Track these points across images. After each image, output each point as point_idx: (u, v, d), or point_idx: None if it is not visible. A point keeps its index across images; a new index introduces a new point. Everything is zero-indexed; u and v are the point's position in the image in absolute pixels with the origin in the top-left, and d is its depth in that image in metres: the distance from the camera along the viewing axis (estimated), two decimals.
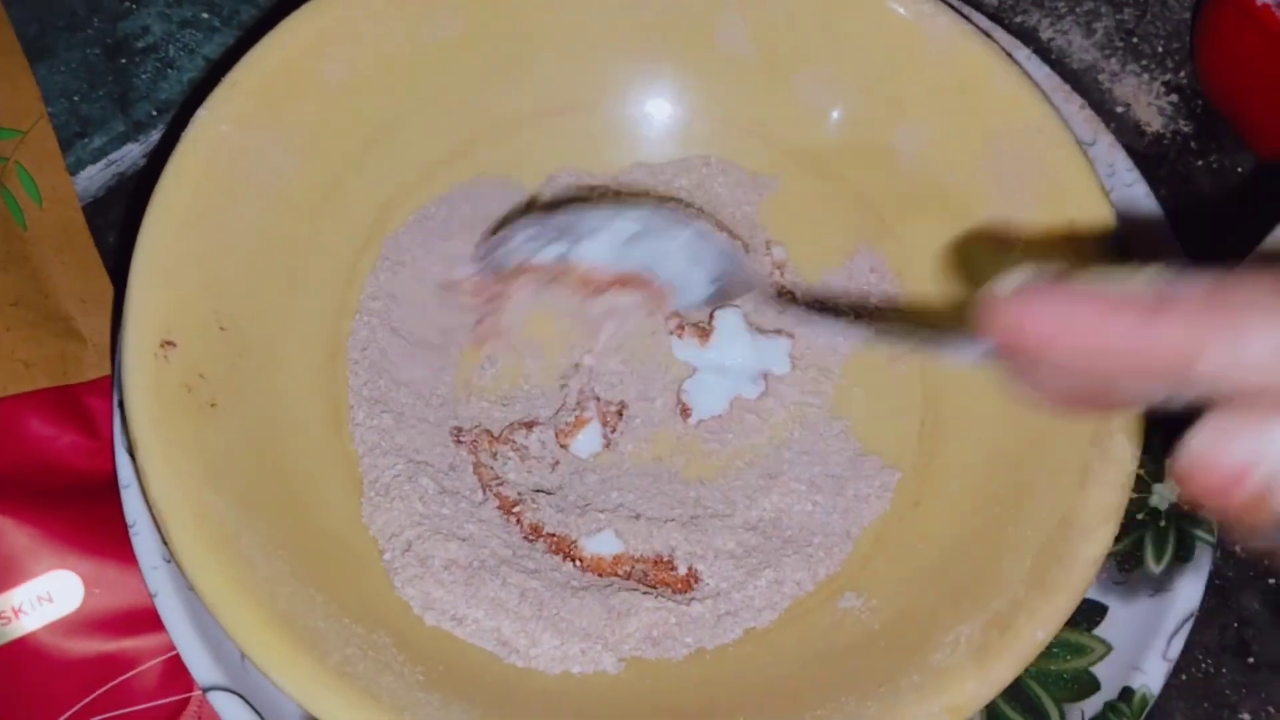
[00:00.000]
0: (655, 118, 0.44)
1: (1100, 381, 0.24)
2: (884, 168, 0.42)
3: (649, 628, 0.36)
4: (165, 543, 0.32)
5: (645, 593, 0.37)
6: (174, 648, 0.36)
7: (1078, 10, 0.52)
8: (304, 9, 0.39)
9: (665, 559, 0.38)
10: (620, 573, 0.38)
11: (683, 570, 0.38)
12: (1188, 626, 0.38)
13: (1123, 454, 0.33)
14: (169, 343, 0.34)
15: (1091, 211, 0.37)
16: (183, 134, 0.37)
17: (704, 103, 0.44)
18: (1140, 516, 0.40)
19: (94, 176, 0.46)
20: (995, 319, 0.25)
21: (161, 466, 0.32)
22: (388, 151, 0.41)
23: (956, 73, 0.39)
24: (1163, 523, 0.40)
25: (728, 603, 0.37)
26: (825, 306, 0.41)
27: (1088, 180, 0.37)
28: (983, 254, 0.39)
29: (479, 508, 0.39)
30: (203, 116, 0.37)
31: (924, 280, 0.41)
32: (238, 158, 0.37)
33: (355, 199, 0.41)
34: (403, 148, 0.42)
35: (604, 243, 0.38)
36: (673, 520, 0.39)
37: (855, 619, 0.35)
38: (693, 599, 0.37)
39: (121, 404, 0.37)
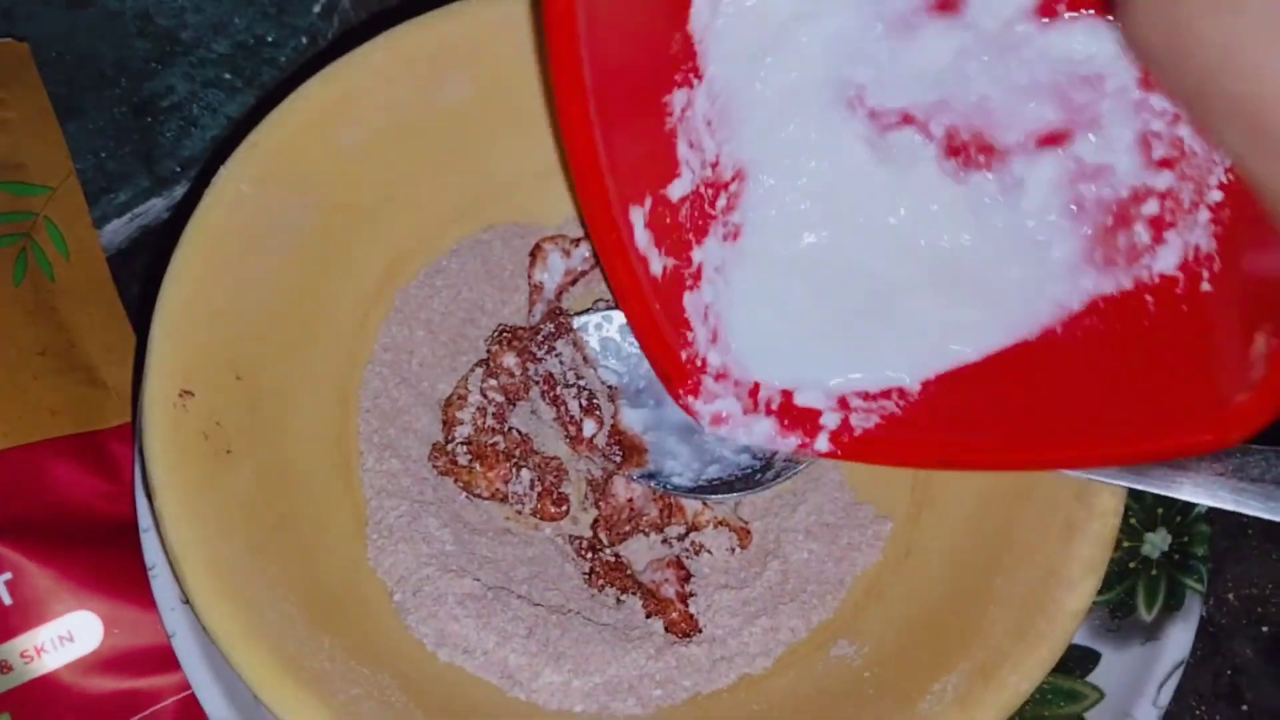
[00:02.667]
0: None
1: None
2: None
3: (650, 670, 0.37)
4: (180, 585, 0.34)
5: (648, 635, 0.38)
6: (189, 687, 0.37)
7: None
8: (321, 75, 0.40)
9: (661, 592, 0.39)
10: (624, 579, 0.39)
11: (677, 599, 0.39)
12: (1178, 674, 0.39)
13: (1106, 508, 0.34)
14: (187, 392, 0.36)
15: None
16: (205, 192, 0.38)
17: None
18: (1132, 565, 0.41)
19: (119, 230, 0.47)
20: None
21: (179, 512, 0.34)
22: (399, 209, 0.43)
23: None
24: (1154, 571, 0.41)
25: (724, 648, 0.37)
26: None
27: None
28: None
29: (485, 538, 0.40)
30: (224, 175, 0.39)
31: None
32: (256, 215, 0.39)
33: (368, 254, 0.42)
34: (414, 205, 0.43)
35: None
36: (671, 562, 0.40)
37: (847, 666, 0.36)
38: (690, 643, 0.38)
39: (142, 450, 0.38)
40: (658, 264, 0.36)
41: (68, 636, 0.38)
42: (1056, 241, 0.34)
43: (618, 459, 0.41)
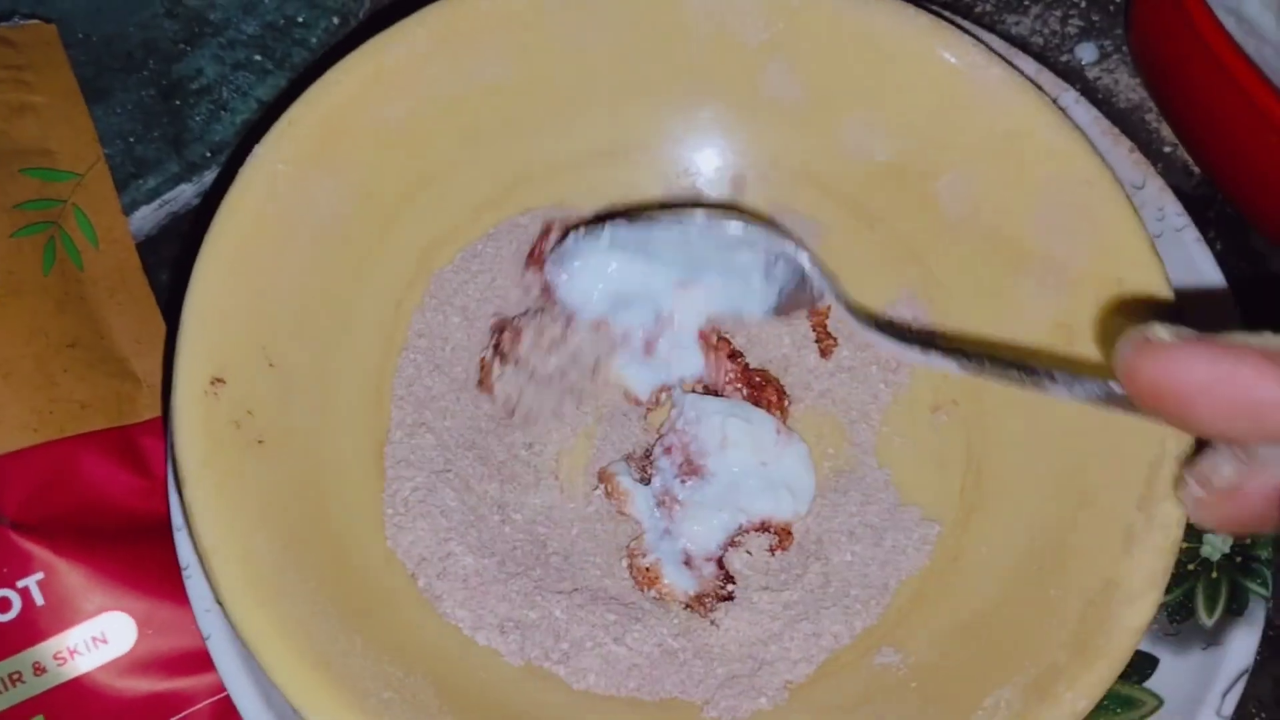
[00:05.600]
0: (702, 160, 0.44)
1: (1240, 438, 0.27)
2: (929, 215, 0.41)
3: (689, 670, 0.36)
4: (209, 581, 0.33)
5: (683, 632, 0.37)
6: (224, 689, 0.37)
7: (1124, 49, 0.52)
8: (358, 52, 0.39)
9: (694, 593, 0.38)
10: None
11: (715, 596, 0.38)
12: (1242, 682, 0.37)
13: (1169, 519, 0.33)
14: (219, 379, 0.35)
15: (1142, 268, 0.36)
16: (239, 171, 0.37)
17: (750, 146, 0.44)
18: (1191, 567, 0.40)
19: (147, 216, 0.46)
20: (1141, 369, 0.26)
21: (210, 505, 0.33)
22: (436, 192, 0.42)
23: (1005, 123, 0.39)
24: (1214, 574, 0.40)
25: (765, 652, 0.37)
26: (913, 335, 0.39)
27: (1138, 236, 0.37)
28: (1029, 304, 0.39)
29: (513, 513, 0.39)
30: (259, 154, 0.38)
31: (966, 327, 0.41)
32: (291, 196, 0.38)
33: (404, 238, 0.41)
34: (451, 188, 0.42)
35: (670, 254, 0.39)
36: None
37: (893, 675, 0.35)
38: (730, 644, 0.37)
39: (171, 441, 0.38)
40: None
41: (101, 638, 0.38)
42: None
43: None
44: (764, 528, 0.39)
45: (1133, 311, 0.36)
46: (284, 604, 0.32)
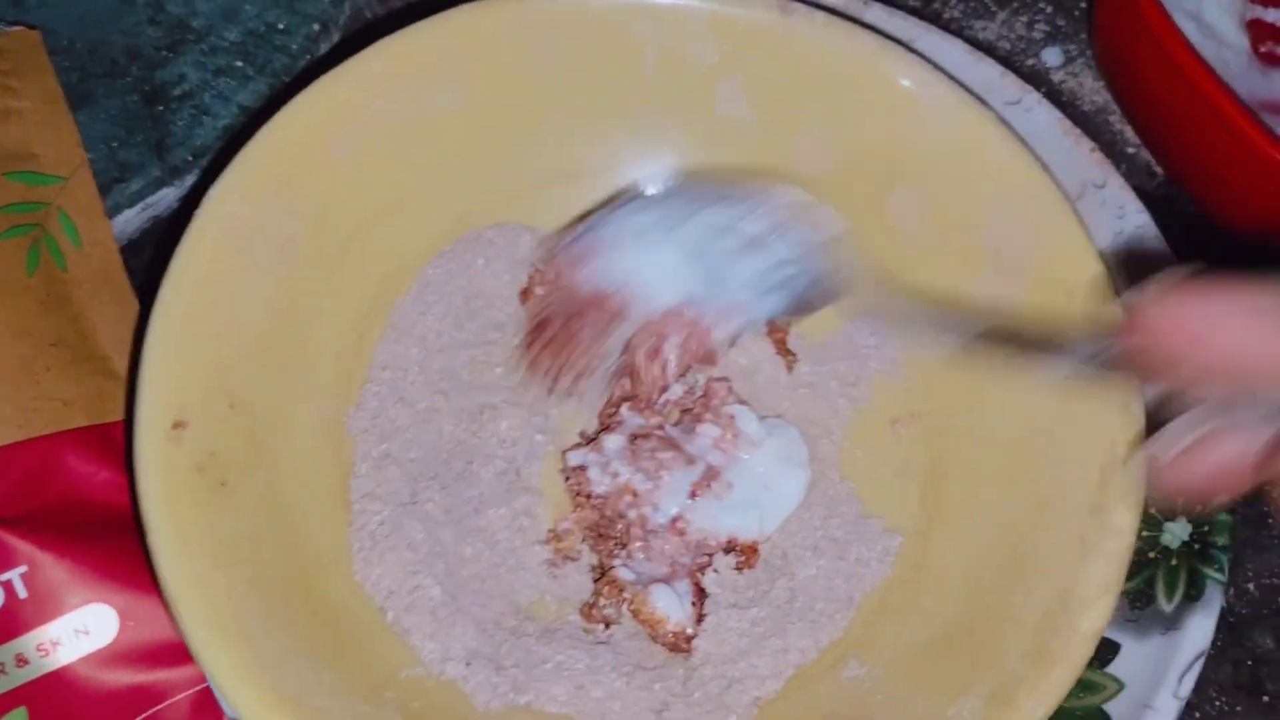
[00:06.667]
0: (657, 180, 0.45)
1: (1235, 390, 0.26)
2: (881, 231, 0.42)
3: (660, 692, 0.36)
4: (175, 623, 0.33)
5: (652, 654, 0.38)
6: (204, 681, 0.37)
7: (1088, 54, 0.53)
8: (311, 89, 0.40)
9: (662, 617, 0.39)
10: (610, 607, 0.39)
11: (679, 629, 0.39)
12: (1199, 664, 0.38)
13: (1122, 524, 0.34)
14: (181, 423, 0.35)
15: (1087, 273, 0.38)
16: (194, 213, 0.38)
17: (704, 165, 0.44)
18: (1152, 555, 0.41)
19: (130, 220, 0.47)
20: (1142, 317, 0.26)
21: (172, 549, 0.33)
22: (394, 222, 0.42)
23: (953, 139, 0.40)
24: (1174, 561, 0.41)
25: (734, 669, 0.37)
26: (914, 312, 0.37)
27: (1082, 243, 0.38)
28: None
29: (482, 548, 0.40)
30: (214, 195, 0.38)
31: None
32: (248, 235, 0.38)
33: (362, 270, 0.42)
34: (408, 218, 0.43)
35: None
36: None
37: (859, 689, 0.36)
38: (699, 663, 0.37)
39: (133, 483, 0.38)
40: None
41: (83, 630, 0.38)
42: None
43: None
44: (730, 547, 0.40)
45: (1082, 315, 0.37)
46: (250, 644, 0.33)
